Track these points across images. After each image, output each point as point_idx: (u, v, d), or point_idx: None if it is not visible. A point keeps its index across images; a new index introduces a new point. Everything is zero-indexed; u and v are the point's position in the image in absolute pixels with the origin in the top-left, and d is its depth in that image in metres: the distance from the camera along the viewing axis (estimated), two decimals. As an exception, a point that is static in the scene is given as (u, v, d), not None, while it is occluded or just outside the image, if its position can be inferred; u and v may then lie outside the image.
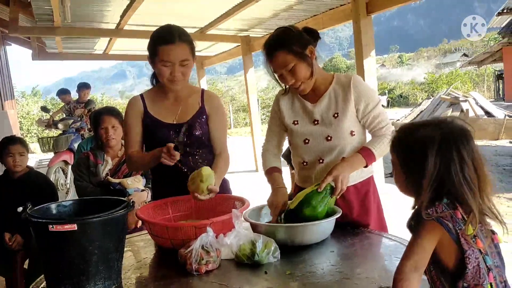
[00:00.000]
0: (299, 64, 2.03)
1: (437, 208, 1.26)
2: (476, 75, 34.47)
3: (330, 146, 2.12)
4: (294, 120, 2.20)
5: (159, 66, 2.13)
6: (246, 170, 9.28)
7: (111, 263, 1.55)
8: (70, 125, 7.63)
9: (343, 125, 2.09)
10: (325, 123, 2.12)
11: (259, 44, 8.77)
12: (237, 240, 1.75)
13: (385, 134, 2.09)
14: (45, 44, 9.57)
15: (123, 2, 6.00)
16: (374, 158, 2.05)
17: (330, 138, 2.11)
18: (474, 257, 1.23)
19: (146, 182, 3.20)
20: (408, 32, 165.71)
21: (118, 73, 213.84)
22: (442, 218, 1.24)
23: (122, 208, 1.55)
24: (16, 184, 3.25)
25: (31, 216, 1.49)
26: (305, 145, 2.17)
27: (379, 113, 2.11)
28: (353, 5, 5.32)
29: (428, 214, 1.25)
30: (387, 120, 2.13)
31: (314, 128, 2.14)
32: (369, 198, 2.19)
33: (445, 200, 1.27)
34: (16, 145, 3.26)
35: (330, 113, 2.11)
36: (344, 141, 2.11)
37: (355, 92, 2.08)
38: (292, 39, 2.03)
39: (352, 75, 2.16)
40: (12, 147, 3.24)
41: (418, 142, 1.29)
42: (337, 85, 2.13)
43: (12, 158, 3.23)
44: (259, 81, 32.45)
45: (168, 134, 2.24)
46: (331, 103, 2.12)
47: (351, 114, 2.09)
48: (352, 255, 1.81)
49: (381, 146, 2.06)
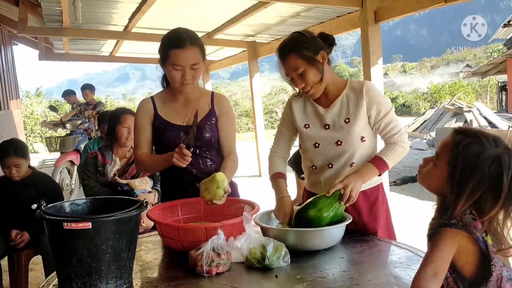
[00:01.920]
0: (309, 69, 2.04)
1: (462, 217, 1.26)
2: (479, 86, 34.45)
3: (339, 151, 2.12)
4: (305, 123, 2.21)
5: (170, 70, 2.15)
6: (249, 175, 9.28)
7: (123, 262, 1.56)
8: (78, 125, 7.67)
9: (354, 131, 2.09)
10: (336, 128, 2.13)
11: (265, 50, 8.79)
12: (248, 243, 1.76)
13: (397, 141, 2.09)
14: (52, 45, 9.62)
15: (132, 5, 6.03)
16: (387, 167, 2.05)
17: (340, 143, 2.11)
18: (499, 266, 1.25)
19: (153, 184, 3.20)
20: (411, 42, 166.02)
21: (122, 76, 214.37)
22: (469, 227, 1.24)
23: (135, 208, 1.56)
24: (19, 186, 3.21)
25: (46, 214, 1.49)
26: (315, 149, 2.17)
27: (391, 120, 2.11)
28: (361, 13, 5.33)
29: (453, 223, 1.25)
30: (400, 127, 2.13)
31: (325, 133, 2.15)
32: (378, 205, 2.20)
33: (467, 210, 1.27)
34: (11, 158, 3.11)
35: (342, 118, 2.12)
36: (354, 147, 2.11)
37: (367, 98, 2.09)
38: (304, 44, 2.04)
39: (365, 81, 2.16)
40: (8, 160, 3.11)
41: (492, 161, 1.26)
42: (350, 91, 2.14)
43: (8, 170, 3.14)
44: (263, 87, 32.52)
45: (178, 136, 2.25)
46: (343, 108, 2.13)
47: (362, 120, 2.10)
48: (361, 262, 1.81)
49: (393, 154, 2.06)
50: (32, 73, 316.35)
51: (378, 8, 5.21)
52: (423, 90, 36.60)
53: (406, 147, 2.10)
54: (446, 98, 26.75)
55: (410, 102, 34.03)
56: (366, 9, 5.22)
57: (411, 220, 5.37)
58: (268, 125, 25.30)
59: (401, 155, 2.09)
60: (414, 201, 6.89)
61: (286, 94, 35.72)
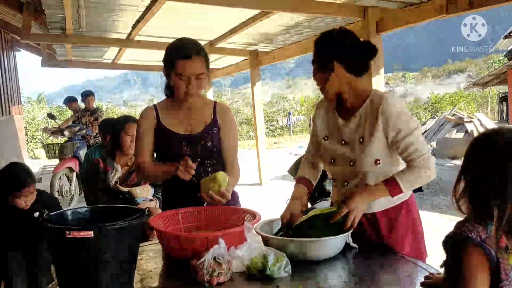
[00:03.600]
0: (318, 68, 2.04)
1: (481, 233, 1.22)
2: (480, 96, 34.50)
3: (353, 171, 2.05)
4: (325, 135, 2.16)
5: (175, 79, 2.16)
6: (249, 183, 9.27)
7: (125, 271, 1.55)
8: (76, 132, 7.69)
9: (368, 152, 1.98)
10: (351, 146, 2.04)
11: (267, 59, 8.84)
12: (249, 253, 1.75)
13: (418, 166, 1.92)
14: (55, 51, 9.66)
15: (135, 13, 6.07)
16: (400, 190, 1.91)
17: (353, 164, 2.03)
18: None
19: (154, 191, 3.21)
20: (411, 52, 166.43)
21: (123, 83, 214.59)
22: (486, 244, 1.21)
23: (138, 216, 1.56)
24: (27, 212, 2.85)
25: (48, 222, 1.49)
26: (331, 165, 2.13)
27: (412, 142, 1.92)
28: (363, 23, 5.36)
29: (470, 238, 1.22)
30: (423, 151, 1.93)
31: (341, 149, 2.08)
32: (400, 224, 2.07)
33: (490, 225, 1.23)
34: (29, 187, 2.79)
35: (357, 136, 2.02)
36: (367, 169, 2.01)
37: (383, 117, 1.93)
38: (325, 45, 2.02)
39: (386, 97, 1.96)
40: (26, 190, 2.78)
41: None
42: (370, 104, 2.00)
43: (23, 200, 2.80)
44: (264, 95, 32.57)
45: (180, 145, 2.26)
46: (360, 124, 2.02)
47: (378, 141, 1.97)
48: (364, 273, 1.80)
49: (411, 178, 1.92)
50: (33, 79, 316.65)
51: (380, 19, 5.25)
52: (424, 99, 36.66)
53: (429, 174, 1.93)
54: (447, 108, 26.78)
55: (411, 111, 34.05)
56: (368, 20, 5.26)
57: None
58: (269, 133, 25.30)
59: (422, 181, 1.94)
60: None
61: (287, 102, 35.80)
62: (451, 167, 11.04)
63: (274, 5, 5.27)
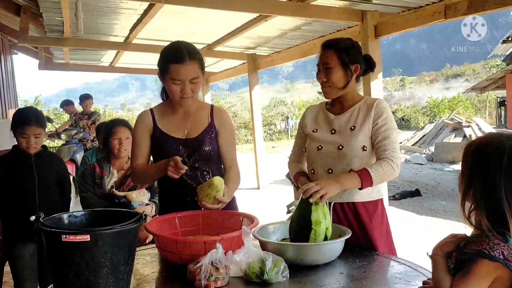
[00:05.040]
0: (337, 69, 2.16)
1: (503, 249, 1.20)
2: (478, 101, 34.62)
3: (340, 155, 2.16)
4: (314, 128, 2.29)
5: (170, 84, 2.15)
6: (247, 188, 9.26)
7: (121, 276, 1.54)
8: (73, 135, 7.67)
9: (357, 138, 2.14)
10: (340, 133, 2.20)
11: (265, 62, 8.84)
12: (247, 257, 1.73)
13: (387, 158, 2.07)
14: (52, 55, 9.66)
15: (133, 16, 6.07)
16: (371, 182, 2.02)
17: (341, 147, 2.16)
18: None
19: (151, 196, 3.19)
20: (410, 56, 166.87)
21: (121, 86, 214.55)
22: (510, 262, 1.19)
23: (135, 220, 1.54)
24: (35, 160, 2.96)
25: (44, 226, 1.48)
26: (317, 151, 2.22)
27: (388, 136, 2.12)
28: (361, 27, 5.37)
29: (493, 256, 1.19)
30: (395, 148, 2.12)
31: (330, 137, 2.22)
32: (378, 221, 2.19)
33: (509, 239, 1.22)
34: (31, 127, 2.84)
35: (348, 126, 2.19)
36: (354, 153, 2.14)
37: (376, 111, 2.16)
38: (347, 49, 2.17)
39: (379, 99, 2.25)
40: (28, 129, 2.84)
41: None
42: (363, 104, 2.23)
43: (26, 140, 2.87)
44: (262, 99, 32.63)
45: (177, 148, 2.24)
46: (352, 117, 2.21)
47: (367, 130, 2.16)
48: (361, 277, 1.79)
49: (380, 170, 2.03)
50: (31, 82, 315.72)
51: (378, 23, 5.26)
52: (422, 104, 36.76)
53: (395, 167, 2.06)
54: (445, 112, 26.88)
55: (409, 116, 34.15)
56: (366, 24, 5.26)
57: (410, 235, 5.35)
58: (267, 137, 25.29)
59: (388, 174, 2.05)
60: (413, 216, 6.86)
61: (285, 106, 35.86)
62: (450, 172, 11.05)
63: (272, 9, 5.27)
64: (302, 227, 1.89)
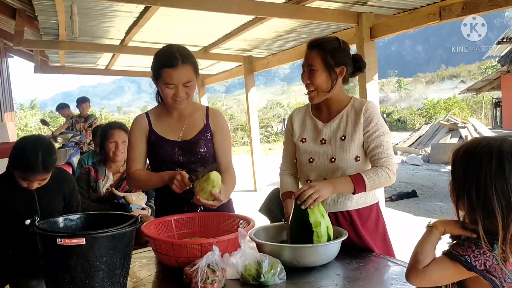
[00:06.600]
0: (321, 72, 2.07)
1: (487, 259, 1.21)
2: (474, 102, 34.72)
3: (333, 168, 2.11)
4: (303, 137, 2.21)
5: (163, 88, 2.15)
6: (244, 190, 9.25)
7: (117, 279, 1.53)
8: (70, 139, 7.64)
9: (349, 149, 2.08)
10: (331, 144, 2.12)
11: (261, 64, 8.84)
12: (243, 259, 1.73)
13: (383, 166, 2.03)
14: (48, 58, 9.63)
15: (129, 19, 6.06)
16: (364, 187, 1.99)
17: (334, 160, 2.10)
18: None
19: (147, 200, 3.18)
20: (405, 58, 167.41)
21: (117, 89, 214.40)
22: (489, 273, 1.20)
23: (130, 223, 1.54)
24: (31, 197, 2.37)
25: (39, 229, 1.47)
26: (310, 163, 2.17)
27: (381, 143, 2.07)
28: (357, 29, 5.38)
29: (470, 266, 1.21)
30: (389, 154, 2.07)
31: (320, 148, 2.14)
32: (374, 223, 2.17)
33: (496, 248, 1.21)
34: (37, 175, 2.23)
35: (338, 135, 2.12)
36: (347, 165, 2.09)
37: (365, 117, 2.08)
38: (332, 50, 2.07)
39: (368, 101, 2.16)
40: (32, 177, 2.23)
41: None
42: (351, 109, 2.14)
43: (28, 183, 2.26)
44: (258, 101, 32.64)
45: (173, 151, 2.24)
46: (341, 125, 2.13)
47: (358, 139, 2.09)
48: (358, 278, 1.79)
49: (375, 177, 2.00)
50: (26, 85, 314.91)
51: (374, 25, 5.27)
52: (418, 105, 36.86)
53: (391, 175, 2.03)
54: (441, 113, 26.93)
55: (405, 117, 34.22)
56: (362, 26, 5.28)
57: (406, 236, 5.35)
58: (264, 139, 25.29)
59: (384, 181, 2.02)
60: (409, 217, 6.87)
61: (281, 108, 35.89)
62: (446, 172, 11.07)
63: (268, 11, 5.27)
64: (303, 231, 1.89)
